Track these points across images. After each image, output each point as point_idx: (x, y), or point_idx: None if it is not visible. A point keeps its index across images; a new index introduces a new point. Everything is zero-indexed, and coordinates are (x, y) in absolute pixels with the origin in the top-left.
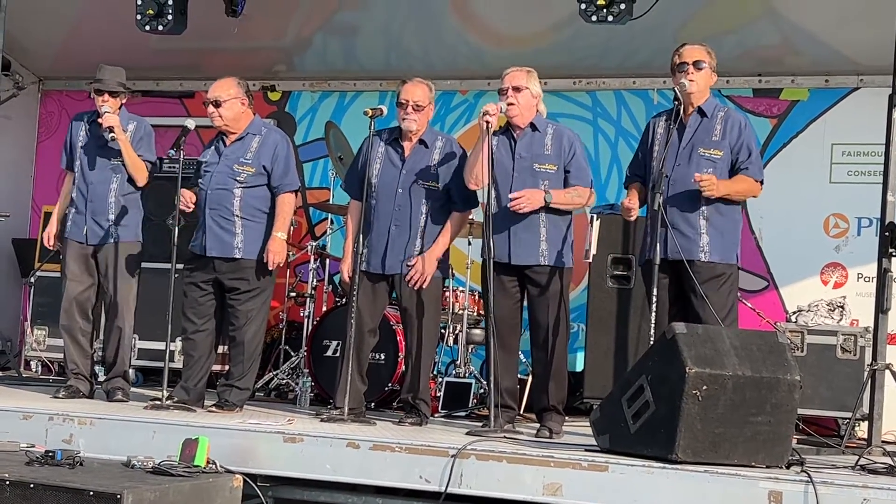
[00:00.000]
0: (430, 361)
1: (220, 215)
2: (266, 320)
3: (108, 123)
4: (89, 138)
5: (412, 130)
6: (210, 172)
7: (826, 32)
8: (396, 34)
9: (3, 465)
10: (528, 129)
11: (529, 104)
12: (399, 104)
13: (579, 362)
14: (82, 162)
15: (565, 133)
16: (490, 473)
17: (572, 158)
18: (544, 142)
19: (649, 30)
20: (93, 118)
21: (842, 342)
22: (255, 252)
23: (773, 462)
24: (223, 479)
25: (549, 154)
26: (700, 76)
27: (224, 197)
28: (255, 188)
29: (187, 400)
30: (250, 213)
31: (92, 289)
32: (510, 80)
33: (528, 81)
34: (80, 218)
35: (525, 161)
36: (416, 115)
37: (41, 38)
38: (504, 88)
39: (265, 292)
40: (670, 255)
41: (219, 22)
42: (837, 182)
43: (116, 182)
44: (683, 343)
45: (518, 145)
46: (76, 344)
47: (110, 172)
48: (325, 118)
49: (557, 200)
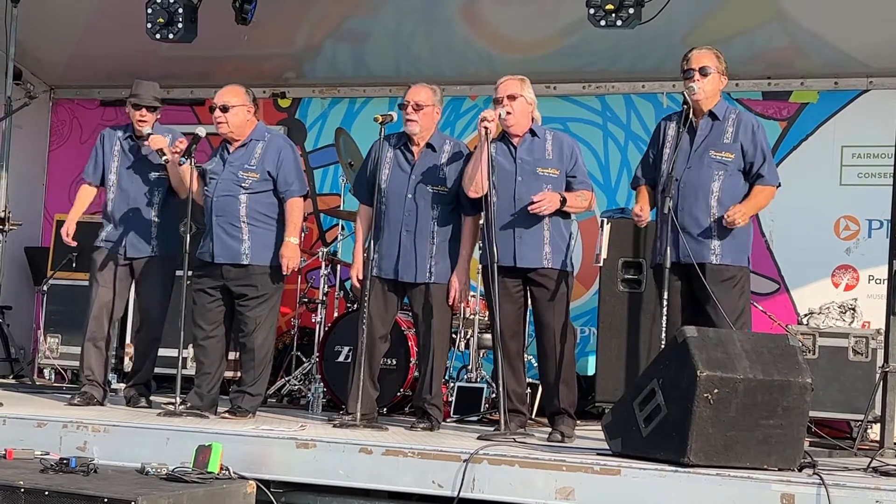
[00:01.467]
0: (442, 366)
1: (227, 222)
2: (275, 326)
3: (158, 146)
4: (126, 153)
5: (415, 133)
6: (215, 180)
7: (835, 35)
8: (406, 40)
9: (18, 473)
10: (527, 136)
11: (525, 111)
12: (401, 107)
13: (591, 366)
14: (119, 177)
15: (565, 139)
16: (502, 478)
17: (574, 165)
18: (545, 147)
19: (658, 34)
20: (128, 133)
21: (853, 344)
22: (263, 258)
23: (785, 465)
24: (236, 485)
25: (551, 159)
26: (707, 82)
27: (230, 203)
28: (260, 194)
29: (201, 406)
30: (256, 218)
31: (121, 299)
32: (505, 88)
33: (521, 89)
34: (116, 233)
35: (528, 165)
36: (417, 115)
37: (52, 47)
38: (499, 97)
39: (273, 298)
40: (682, 258)
41: (229, 30)
42: (847, 184)
43: (158, 196)
44: (695, 346)
45: (519, 150)
46: (97, 351)
47: (151, 186)
48: (336, 125)
49: (571, 203)
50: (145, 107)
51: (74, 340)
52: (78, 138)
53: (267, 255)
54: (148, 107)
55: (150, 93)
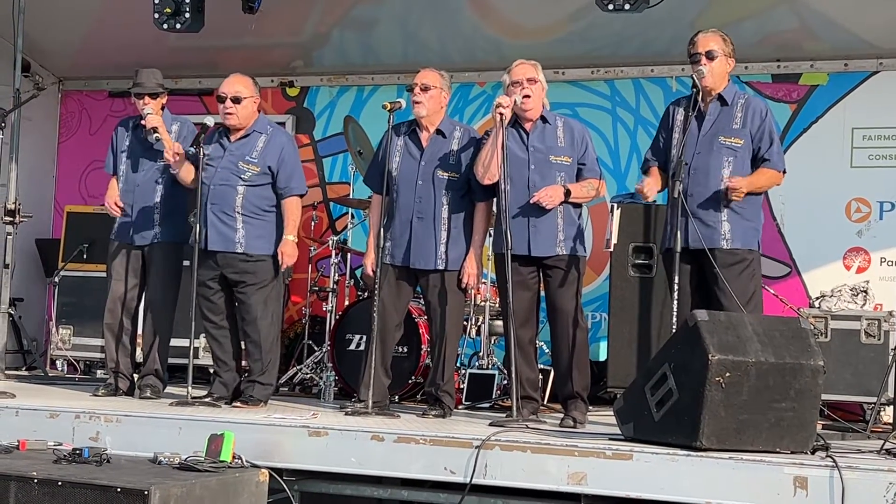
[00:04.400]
0: (454, 354)
1: (222, 210)
2: (279, 316)
3: (152, 124)
4: (133, 142)
5: (421, 115)
6: (213, 167)
7: (845, 16)
8: (413, 28)
9: (32, 464)
10: (538, 122)
11: (540, 97)
12: (409, 90)
13: (602, 352)
14: (127, 166)
15: (576, 126)
16: (514, 464)
17: (585, 152)
18: (556, 134)
19: (666, 17)
20: (137, 122)
21: (865, 327)
22: (257, 247)
23: (797, 448)
24: (249, 473)
25: (563, 147)
26: (714, 65)
27: (227, 193)
28: (258, 187)
29: (227, 396)
30: (251, 210)
31: (136, 289)
32: (523, 72)
33: (537, 73)
34: (127, 220)
35: (540, 153)
36: (424, 97)
37: (60, 38)
38: (518, 80)
39: (271, 286)
40: (692, 244)
41: (236, 19)
42: (858, 166)
43: (162, 183)
44: (706, 330)
45: (530, 138)
46: (119, 342)
47: (156, 174)
48: (344, 113)
49: (576, 194)
50: (147, 94)
51: (86, 332)
52: (87, 129)
53: (261, 245)
54: (150, 94)
55: (152, 80)
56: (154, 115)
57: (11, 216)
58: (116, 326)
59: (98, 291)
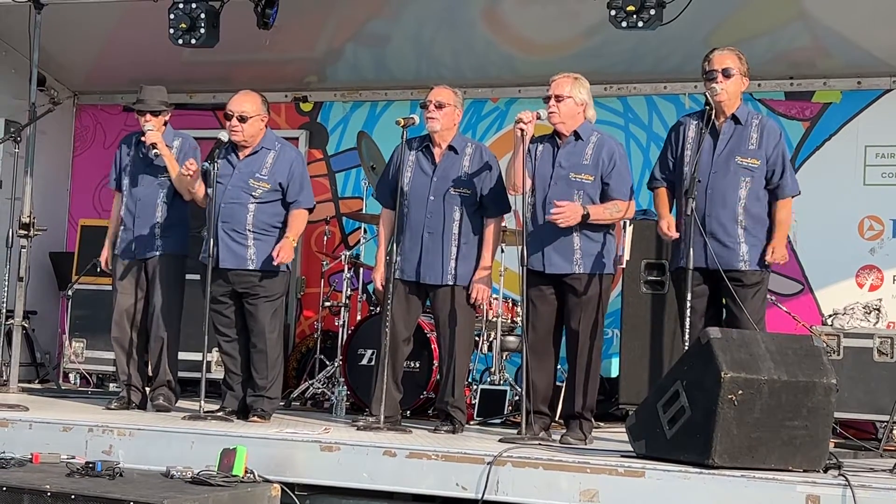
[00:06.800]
0: (465, 369)
1: (233, 228)
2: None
3: (151, 140)
4: (136, 158)
5: (435, 130)
6: (223, 185)
7: (858, 34)
8: (427, 43)
9: (45, 477)
10: (571, 138)
11: (572, 112)
12: (423, 106)
13: (614, 368)
14: (129, 181)
15: (607, 143)
16: (526, 480)
17: (612, 170)
18: (584, 151)
19: (680, 34)
20: (139, 138)
21: (878, 345)
22: (267, 264)
23: (810, 466)
24: (261, 488)
25: (586, 164)
26: (730, 83)
27: (237, 211)
28: (268, 204)
29: (238, 409)
30: (262, 227)
31: (142, 302)
32: (555, 87)
33: (571, 89)
34: (129, 234)
35: (563, 170)
36: (438, 114)
37: (75, 53)
38: (547, 96)
39: (280, 300)
40: (709, 265)
41: (250, 34)
42: (871, 184)
43: (163, 197)
44: (718, 348)
45: (560, 153)
46: (128, 355)
47: (157, 188)
48: (357, 128)
49: (596, 216)
50: (149, 112)
51: (99, 345)
52: (102, 143)
53: (272, 261)
54: (152, 111)
55: (155, 97)
56: (154, 132)
57: (26, 229)
58: (124, 340)
59: (111, 305)
